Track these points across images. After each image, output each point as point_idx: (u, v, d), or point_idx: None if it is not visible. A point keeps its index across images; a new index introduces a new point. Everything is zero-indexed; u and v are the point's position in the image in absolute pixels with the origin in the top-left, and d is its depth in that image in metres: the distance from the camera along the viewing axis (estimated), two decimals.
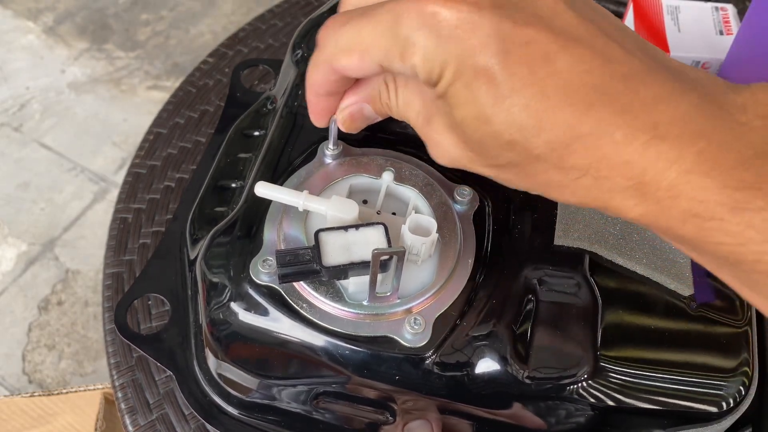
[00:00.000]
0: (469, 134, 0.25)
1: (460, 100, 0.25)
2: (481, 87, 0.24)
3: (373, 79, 0.30)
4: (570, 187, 0.25)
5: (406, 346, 0.31)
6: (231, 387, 0.36)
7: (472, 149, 0.26)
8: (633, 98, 0.23)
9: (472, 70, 0.24)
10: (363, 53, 0.27)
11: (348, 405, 0.35)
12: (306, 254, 0.30)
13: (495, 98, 0.24)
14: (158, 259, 0.42)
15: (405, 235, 0.31)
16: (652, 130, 0.23)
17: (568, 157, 0.24)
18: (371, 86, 0.31)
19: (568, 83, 0.23)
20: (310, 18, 0.43)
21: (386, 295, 0.32)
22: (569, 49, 0.23)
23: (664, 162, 0.23)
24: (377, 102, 0.31)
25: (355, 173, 0.36)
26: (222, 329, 0.34)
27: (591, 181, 0.24)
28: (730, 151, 0.22)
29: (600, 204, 0.25)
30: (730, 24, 0.53)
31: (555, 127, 0.23)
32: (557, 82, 0.23)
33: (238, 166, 0.42)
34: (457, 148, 0.27)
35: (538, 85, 0.23)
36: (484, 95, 0.24)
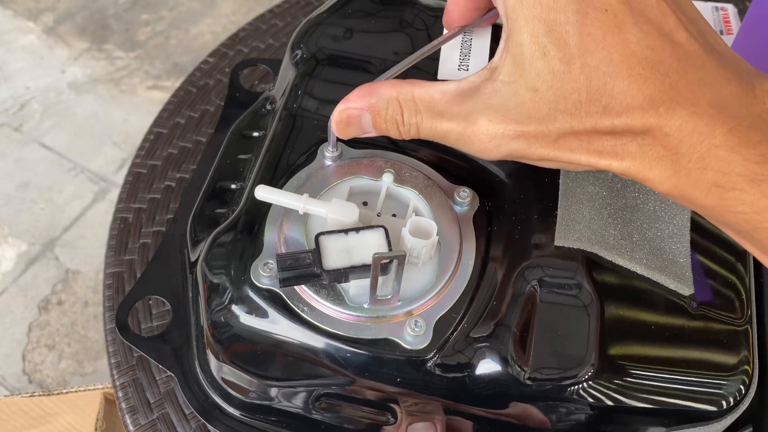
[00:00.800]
0: (527, 100, 0.27)
1: (531, 54, 0.26)
2: (554, 42, 0.26)
3: (383, 91, 0.31)
4: (619, 154, 0.27)
5: (407, 349, 0.31)
6: (232, 389, 0.36)
7: (527, 122, 0.27)
8: (681, 78, 0.26)
9: (547, 24, 0.26)
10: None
11: (349, 407, 0.35)
12: (306, 258, 0.30)
13: (566, 56, 0.26)
14: (159, 261, 0.42)
15: (405, 237, 0.32)
16: (691, 107, 0.25)
17: (621, 125, 0.26)
18: (382, 98, 0.31)
19: (632, 55, 0.25)
20: (308, 19, 0.43)
21: (387, 297, 0.32)
22: (640, 24, 0.26)
23: (698, 136, 0.25)
24: (382, 118, 0.31)
25: (355, 175, 0.36)
26: (223, 331, 0.34)
27: (636, 148, 0.26)
28: (756, 131, 0.25)
29: (640, 174, 0.27)
30: (731, 24, 0.53)
31: (614, 94, 0.26)
32: (624, 51, 0.25)
33: (238, 167, 0.42)
34: (508, 128, 0.28)
35: (607, 50, 0.25)
36: (555, 51, 0.26)
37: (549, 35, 0.26)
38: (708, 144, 0.25)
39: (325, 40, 0.41)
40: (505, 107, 0.28)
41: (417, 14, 0.42)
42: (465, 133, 0.29)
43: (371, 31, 0.42)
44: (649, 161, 0.26)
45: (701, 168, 0.25)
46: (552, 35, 0.26)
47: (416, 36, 0.41)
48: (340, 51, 0.41)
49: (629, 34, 0.26)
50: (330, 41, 0.41)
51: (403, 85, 0.30)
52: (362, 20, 0.42)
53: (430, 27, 0.41)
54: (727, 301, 0.35)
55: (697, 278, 0.35)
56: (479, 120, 0.28)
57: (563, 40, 0.26)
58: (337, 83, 0.40)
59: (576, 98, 0.26)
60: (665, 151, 0.26)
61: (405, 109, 0.30)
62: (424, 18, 0.42)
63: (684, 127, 0.25)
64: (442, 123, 0.29)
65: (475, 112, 0.28)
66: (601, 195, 0.36)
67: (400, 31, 0.41)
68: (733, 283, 0.37)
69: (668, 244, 0.36)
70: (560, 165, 0.29)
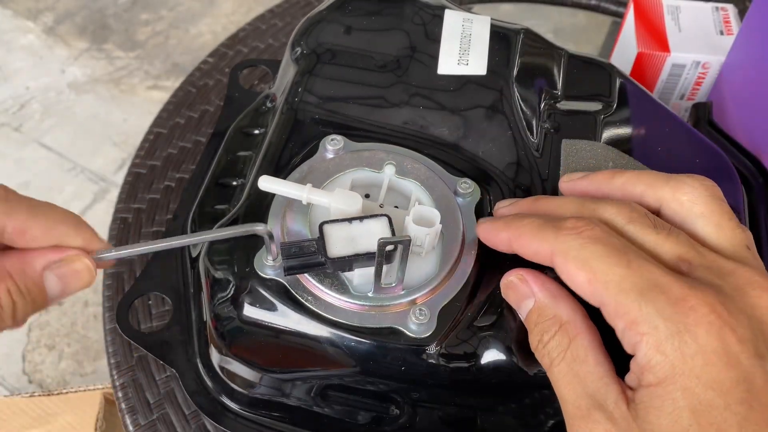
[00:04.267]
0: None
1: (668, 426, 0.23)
2: (702, 430, 0.22)
3: (562, 310, 0.28)
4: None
5: (412, 337, 0.32)
6: (235, 382, 0.36)
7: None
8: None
9: (700, 403, 0.22)
10: (597, 285, 0.25)
11: (353, 399, 0.35)
12: (311, 246, 0.30)
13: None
14: (159, 259, 0.42)
15: (409, 226, 0.32)
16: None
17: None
18: (559, 312, 0.28)
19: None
20: (308, 16, 0.43)
21: (391, 286, 0.32)
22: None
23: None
24: (534, 323, 0.28)
25: (357, 167, 0.36)
26: (226, 324, 0.34)
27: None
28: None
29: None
30: (731, 24, 0.53)
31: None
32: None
33: (239, 165, 0.42)
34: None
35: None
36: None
37: (699, 416, 0.22)
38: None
39: (326, 36, 0.41)
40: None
41: (416, 11, 0.42)
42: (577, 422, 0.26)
43: (371, 28, 0.42)
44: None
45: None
46: (703, 418, 0.22)
47: (415, 32, 0.41)
48: (341, 47, 0.41)
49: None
50: (330, 38, 0.41)
51: (579, 317, 0.27)
52: (362, 17, 0.42)
53: (428, 24, 0.41)
54: None
55: None
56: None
57: (719, 428, 0.22)
58: (337, 79, 0.40)
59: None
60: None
61: (558, 338, 0.27)
62: (422, 15, 0.42)
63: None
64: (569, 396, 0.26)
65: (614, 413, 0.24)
66: None
67: (400, 27, 0.41)
68: None
69: None
70: None
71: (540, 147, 0.38)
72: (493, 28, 0.41)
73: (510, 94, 0.39)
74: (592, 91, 0.41)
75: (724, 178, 0.40)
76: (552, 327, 0.27)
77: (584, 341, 0.26)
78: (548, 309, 0.28)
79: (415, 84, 0.39)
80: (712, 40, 0.51)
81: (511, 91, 0.39)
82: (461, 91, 0.39)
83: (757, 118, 0.45)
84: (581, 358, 0.26)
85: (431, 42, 0.40)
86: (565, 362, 0.26)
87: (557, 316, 0.27)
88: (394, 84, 0.39)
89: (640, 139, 0.40)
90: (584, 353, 0.26)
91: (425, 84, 0.39)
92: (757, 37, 0.44)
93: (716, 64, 0.50)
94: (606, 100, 0.40)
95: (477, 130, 0.38)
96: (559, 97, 0.40)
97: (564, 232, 0.26)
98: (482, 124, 0.38)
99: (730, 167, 0.40)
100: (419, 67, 0.40)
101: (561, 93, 0.40)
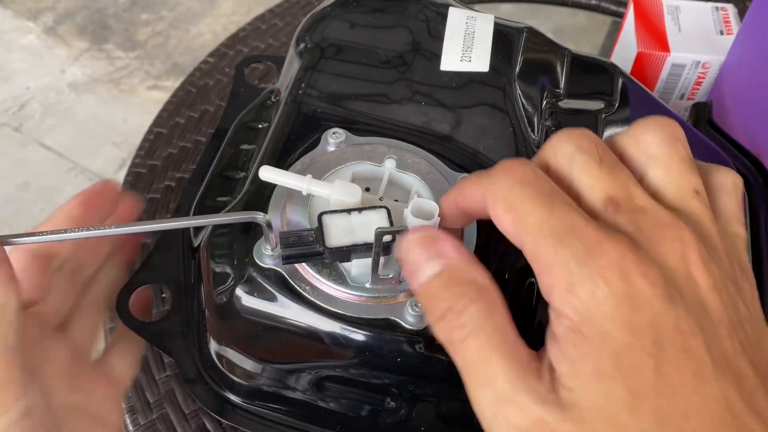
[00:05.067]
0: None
1: (592, 373, 0.23)
2: (624, 370, 0.22)
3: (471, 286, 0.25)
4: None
5: (408, 329, 0.32)
6: (232, 373, 0.36)
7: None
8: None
9: (620, 346, 0.23)
10: (519, 227, 0.24)
11: (350, 390, 0.35)
12: (309, 236, 0.30)
13: (637, 388, 0.22)
14: (161, 249, 0.42)
15: (407, 218, 0.32)
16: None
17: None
18: (462, 280, 0.25)
19: (711, 416, 0.22)
20: (313, 12, 0.43)
21: (388, 277, 0.32)
22: (721, 380, 0.23)
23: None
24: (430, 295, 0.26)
25: (358, 160, 0.36)
26: (225, 313, 0.34)
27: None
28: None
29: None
30: (731, 24, 0.53)
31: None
32: (701, 408, 0.22)
33: (242, 158, 0.43)
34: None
35: (684, 400, 0.22)
36: (624, 380, 0.22)
37: (616, 358, 0.22)
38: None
39: (330, 32, 0.42)
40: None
41: (421, 9, 0.42)
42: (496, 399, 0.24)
43: (375, 25, 0.42)
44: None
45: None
46: (620, 360, 0.22)
47: (419, 29, 0.41)
48: (345, 43, 0.41)
49: (708, 388, 0.22)
50: (335, 33, 0.41)
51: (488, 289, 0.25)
52: (367, 14, 0.42)
53: (432, 21, 0.42)
54: None
55: None
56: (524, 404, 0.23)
57: (636, 369, 0.22)
58: (340, 74, 0.40)
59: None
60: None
61: (485, 312, 0.25)
62: (427, 12, 0.42)
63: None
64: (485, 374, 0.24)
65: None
66: None
67: (404, 24, 0.42)
68: None
69: None
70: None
71: (541, 144, 0.38)
72: (496, 26, 0.41)
73: (512, 92, 0.39)
74: (594, 89, 0.41)
75: None
76: (469, 292, 0.25)
77: (504, 311, 0.25)
78: (463, 272, 0.25)
79: (417, 80, 0.39)
80: (712, 39, 0.52)
81: (514, 88, 0.39)
82: (463, 88, 0.39)
83: (757, 117, 0.45)
84: (501, 330, 0.24)
85: (435, 39, 0.41)
86: (485, 335, 0.24)
87: (474, 280, 0.25)
88: (397, 79, 0.40)
89: None
90: (504, 325, 0.24)
91: (428, 80, 0.39)
92: (757, 37, 0.44)
93: (716, 63, 0.50)
94: (608, 99, 0.40)
95: (478, 127, 0.38)
96: (561, 95, 0.40)
97: (495, 174, 0.26)
98: (484, 121, 0.38)
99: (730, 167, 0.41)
100: (422, 63, 0.40)
101: (563, 91, 0.40)
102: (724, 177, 0.28)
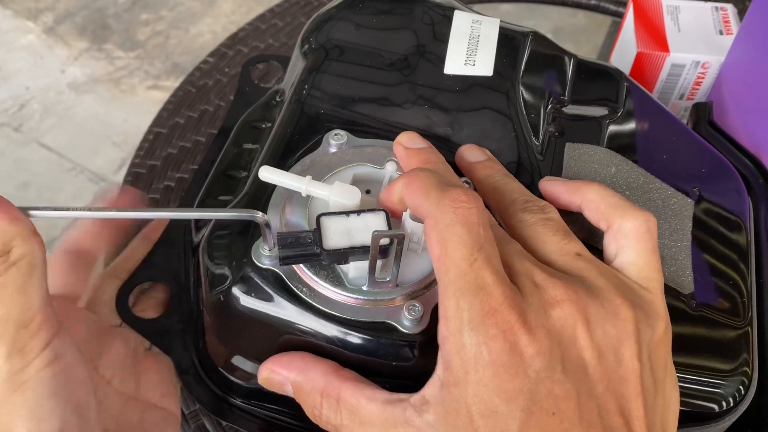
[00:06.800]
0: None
1: (463, 426, 0.25)
2: (488, 429, 0.25)
3: (311, 374, 0.30)
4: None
5: (404, 332, 0.32)
6: (231, 372, 0.36)
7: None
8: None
9: (488, 408, 0.25)
10: (441, 265, 0.27)
11: None
12: (307, 237, 0.30)
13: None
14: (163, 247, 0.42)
15: (406, 222, 0.32)
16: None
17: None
18: (308, 381, 0.30)
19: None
20: (319, 13, 0.43)
21: (385, 281, 0.32)
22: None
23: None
24: (303, 399, 0.30)
25: (359, 162, 0.36)
26: (222, 313, 0.34)
27: None
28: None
29: None
30: (730, 24, 0.53)
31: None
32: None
33: (245, 157, 0.43)
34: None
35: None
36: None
37: (485, 419, 0.25)
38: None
39: (335, 33, 0.42)
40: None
41: (426, 11, 0.42)
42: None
43: (380, 27, 0.42)
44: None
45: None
46: (489, 421, 0.25)
47: (423, 32, 0.41)
48: (349, 44, 0.41)
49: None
50: (340, 35, 0.42)
51: (333, 377, 0.30)
52: (372, 15, 0.42)
53: (437, 24, 0.42)
54: (728, 302, 0.35)
55: (697, 278, 0.35)
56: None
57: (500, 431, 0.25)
58: (344, 75, 0.40)
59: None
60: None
61: (326, 405, 0.29)
62: (432, 15, 0.42)
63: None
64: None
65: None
66: None
67: (409, 27, 0.42)
68: (735, 283, 0.37)
69: (669, 241, 0.36)
70: None
71: (543, 150, 0.38)
72: (501, 30, 0.41)
73: (516, 96, 0.39)
74: (598, 96, 0.41)
75: (730, 188, 0.40)
76: (314, 399, 0.30)
77: (348, 392, 0.29)
78: (303, 384, 0.30)
79: (421, 83, 0.39)
80: (712, 39, 0.52)
81: (517, 93, 0.39)
82: (467, 92, 0.39)
83: (757, 117, 0.45)
84: (354, 408, 0.28)
85: (439, 42, 0.41)
86: (345, 421, 0.29)
87: (313, 387, 0.30)
88: (401, 82, 0.40)
89: (644, 146, 0.40)
90: (354, 403, 0.29)
91: (431, 83, 0.39)
92: (757, 37, 0.44)
93: (716, 64, 0.50)
94: (612, 106, 0.40)
95: (481, 131, 0.38)
96: (565, 101, 0.40)
97: (444, 201, 0.27)
98: (486, 125, 0.38)
99: (735, 177, 0.41)
100: (426, 66, 0.40)
101: (567, 97, 0.40)
102: (630, 223, 0.30)
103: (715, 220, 0.39)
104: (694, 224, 0.37)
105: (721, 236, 0.38)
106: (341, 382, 0.29)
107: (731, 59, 0.48)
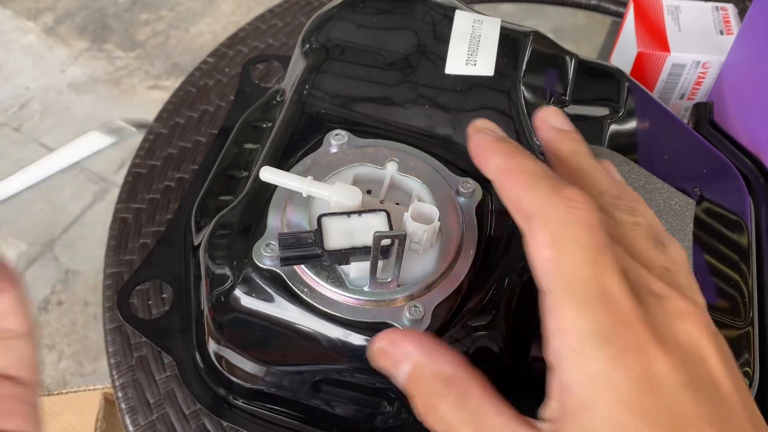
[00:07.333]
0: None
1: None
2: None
3: (444, 366, 0.25)
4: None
5: None
6: (231, 373, 0.36)
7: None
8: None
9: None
10: (554, 270, 0.23)
11: (346, 391, 0.35)
12: (308, 238, 0.30)
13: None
14: (163, 246, 0.42)
15: (407, 222, 0.32)
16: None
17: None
18: (438, 370, 0.25)
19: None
20: (319, 13, 0.43)
21: (387, 281, 0.32)
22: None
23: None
24: (418, 388, 0.26)
25: (360, 163, 0.36)
26: (223, 313, 0.34)
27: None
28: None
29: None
30: (731, 24, 0.53)
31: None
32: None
33: (245, 157, 0.43)
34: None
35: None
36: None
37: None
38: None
39: (336, 33, 0.42)
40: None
41: (427, 11, 0.42)
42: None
43: (381, 26, 0.42)
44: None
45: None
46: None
47: (424, 31, 0.41)
48: (350, 44, 0.41)
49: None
50: (340, 34, 0.41)
51: (463, 369, 0.25)
52: (373, 15, 0.42)
53: (438, 23, 0.42)
54: (729, 302, 0.35)
55: (698, 278, 0.35)
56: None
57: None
58: (345, 75, 0.40)
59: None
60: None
61: (450, 396, 0.24)
62: (433, 15, 0.42)
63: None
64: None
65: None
66: None
67: (410, 26, 0.41)
68: (736, 284, 0.37)
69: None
70: None
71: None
72: (502, 30, 0.41)
73: (517, 96, 0.39)
74: (600, 96, 0.41)
75: (731, 188, 0.40)
76: (437, 387, 0.25)
77: (476, 393, 0.24)
78: (427, 367, 0.25)
79: (422, 83, 0.39)
80: (712, 39, 0.51)
81: (518, 93, 0.39)
82: (468, 92, 0.39)
83: (758, 117, 0.45)
84: (479, 413, 0.24)
85: (440, 42, 0.41)
86: (464, 423, 0.24)
87: (439, 373, 0.25)
88: (401, 82, 0.40)
89: (645, 146, 0.40)
90: (479, 407, 0.24)
91: (432, 83, 0.39)
92: (757, 37, 0.44)
93: (716, 63, 0.50)
94: (614, 106, 0.40)
95: None
96: (566, 101, 0.40)
97: (558, 198, 0.23)
98: None
99: (736, 177, 0.41)
100: (427, 66, 0.40)
101: (569, 97, 0.40)
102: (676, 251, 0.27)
103: (716, 220, 0.39)
104: (695, 224, 0.37)
105: (722, 236, 0.38)
106: (472, 378, 0.25)
107: (732, 59, 0.48)
